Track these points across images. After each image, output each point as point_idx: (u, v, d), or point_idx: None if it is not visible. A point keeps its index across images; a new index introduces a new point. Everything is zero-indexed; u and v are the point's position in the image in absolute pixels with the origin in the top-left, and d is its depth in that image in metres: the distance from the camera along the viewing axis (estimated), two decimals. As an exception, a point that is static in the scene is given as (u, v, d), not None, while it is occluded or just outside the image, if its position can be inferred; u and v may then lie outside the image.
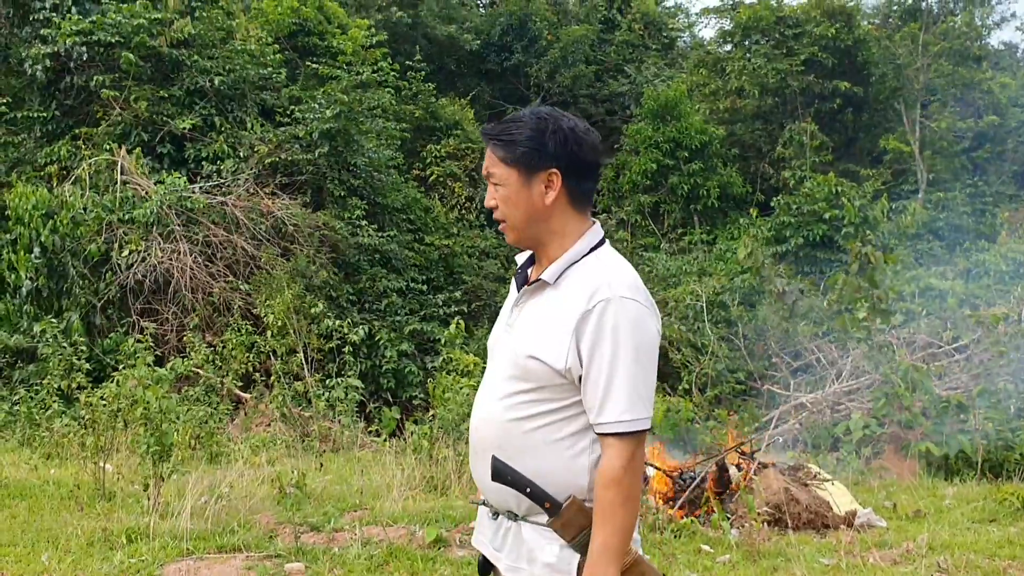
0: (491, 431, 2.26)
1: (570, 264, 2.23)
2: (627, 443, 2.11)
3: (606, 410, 2.11)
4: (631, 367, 2.11)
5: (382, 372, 13.27)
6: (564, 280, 2.22)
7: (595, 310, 2.11)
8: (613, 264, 2.22)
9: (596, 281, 2.15)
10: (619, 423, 2.10)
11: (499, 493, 2.25)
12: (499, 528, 2.30)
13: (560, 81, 22.68)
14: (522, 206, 2.24)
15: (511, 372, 2.23)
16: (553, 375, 2.15)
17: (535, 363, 2.17)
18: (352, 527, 5.79)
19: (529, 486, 2.17)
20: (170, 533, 5.55)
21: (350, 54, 16.11)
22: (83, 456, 7.22)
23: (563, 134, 2.20)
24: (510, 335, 2.29)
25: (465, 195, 18.97)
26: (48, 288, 11.60)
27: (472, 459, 2.37)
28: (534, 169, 2.21)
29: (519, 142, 2.21)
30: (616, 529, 2.09)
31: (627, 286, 2.16)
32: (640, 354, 2.12)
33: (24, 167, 13.85)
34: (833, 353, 11.73)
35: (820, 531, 6.18)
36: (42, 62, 13.70)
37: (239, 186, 13.39)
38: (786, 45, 20.81)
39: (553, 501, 2.16)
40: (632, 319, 2.12)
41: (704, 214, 19.92)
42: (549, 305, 2.22)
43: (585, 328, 2.12)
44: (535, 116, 2.23)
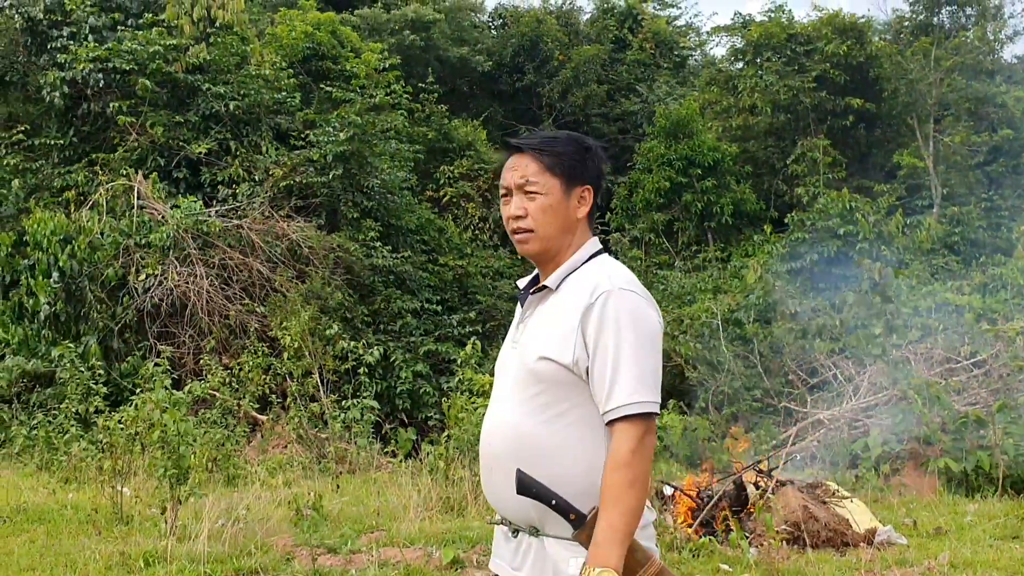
0: (507, 440, 2.27)
1: (572, 270, 2.31)
2: (636, 426, 2.13)
3: (613, 395, 2.14)
4: (635, 353, 2.16)
5: (397, 393, 13.27)
6: (565, 285, 2.30)
7: (597, 302, 2.18)
8: (610, 264, 2.32)
9: (596, 277, 2.24)
10: (626, 406, 2.13)
11: (520, 507, 2.24)
12: (519, 546, 2.29)
13: (572, 101, 22.75)
14: (560, 216, 2.32)
15: (524, 380, 2.26)
16: (563, 372, 2.19)
17: (545, 363, 2.21)
18: (369, 549, 5.78)
19: (554, 498, 2.16)
20: (188, 556, 5.56)
21: (363, 77, 16.22)
22: (101, 480, 7.25)
23: (598, 154, 2.36)
24: (517, 349, 2.33)
25: (479, 215, 19.01)
26: (66, 312, 11.69)
27: (486, 477, 2.36)
28: (575, 183, 2.32)
29: (564, 155, 2.31)
30: (623, 511, 2.10)
31: (625, 280, 2.24)
32: (643, 340, 2.18)
33: (42, 193, 14.01)
34: (850, 369, 11.66)
35: (840, 549, 6.13)
36: (59, 89, 13.88)
37: (254, 209, 13.47)
38: (798, 62, 20.81)
39: (578, 513, 2.16)
40: (632, 308, 2.19)
41: (718, 231, 19.88)
42: (552, 308, 2.29)
43: (589, 320, 2.18)
44: (572, 135, 2.39)
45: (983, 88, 20.82)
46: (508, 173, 2.35)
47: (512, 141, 2.38)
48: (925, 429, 8.88)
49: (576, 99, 22.72)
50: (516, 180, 2.32)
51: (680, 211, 19.97)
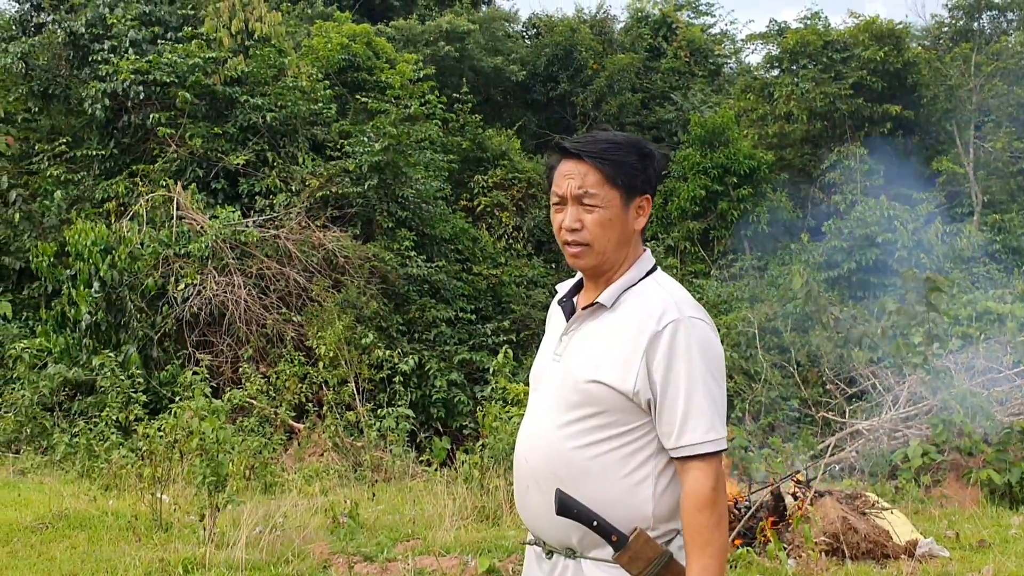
0: (547, 461, 2.18)
1: (627, 288, 2.19)
2: (713, 463, 2.08)
3: (687, 432, 2.07)
4: (708, 386, 2.08)
5: (432, 402, 13.31)
6: (621, 304, 2.18)
7: (666, 331, 2.08)
8: (673, 286, 2.20)
9: (662, 303, 2.12)
10: (704, 443, 2.06)
11: (559, 528, 2.16)
12: (554, 568, 2.21)
13: (606, 109, 22.74)
14: (618, 231, 2.17)
15: (569, 399, 2.16)
16: (618, 399, 2.10)
17: (597, 387, 2.11)
18: (405, 557, 5.79)
19: (596, 519, 2.09)
20: (226, 563, 5.61)
21: (398, 88, 16.33)
22: (140, 487, 7.33)
23: (658, 161, 2.21)
24: (560, 364, 2.23)
25: (512, 224, 19.04)
26: (107, 322, 11.85)
27: (521, 494, 2.28)
28: (635, 193, 2.18)
29: (624, 164, 2.15)
30: (714, 552, 2.04)
31: (692, 306, 2.14)
32: (714, 372, 2.10)
33: (83, 204, 14.23)
34: (889, 379, 11.51)
35: (880, 561, 6.04)
36: (101, 101, 14.12)
37: (291, 219, 13.60)
38: (834, 69, 20.63)
39: (620, 534, 2.09)
40: (702, 339, 2.10)
41: (754, 240, 19.74)
42: (608, 328, 2.17)
43: (657, 350, 2.07)
44: (632, 139, 2.21)
45: (1024, 93, 20.50)
46: (564, 180, 2.17)
47: (568, 145, 2.20)
48: (967, 440, 8.74)
49: (610, 107, 22.70)
50: (573, 190, 2.15)
51: (716, 219, 19.87)
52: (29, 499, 7.99)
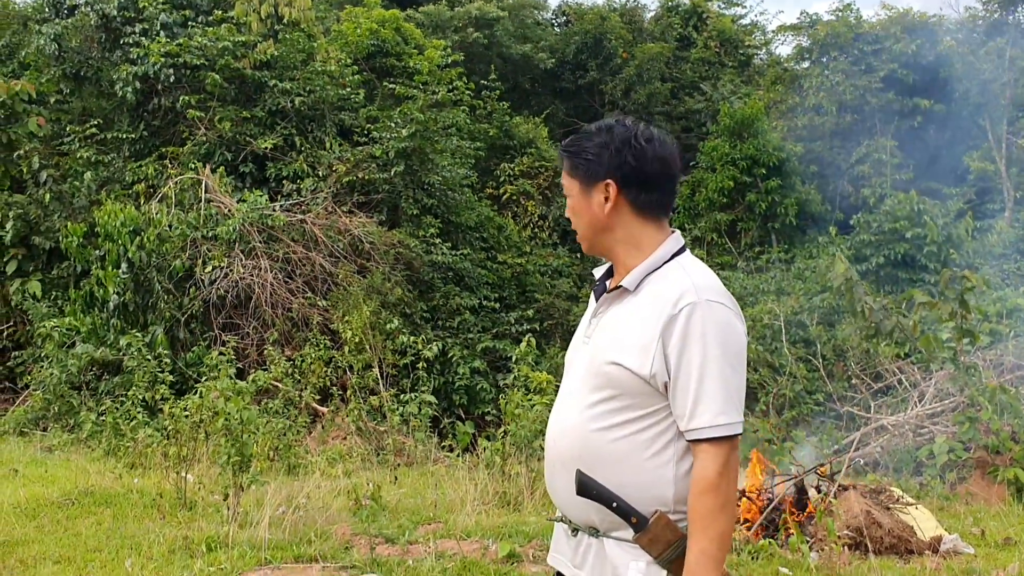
0: (571, 442, 2.20)
1: (650, 271, 2.20)
2: (722, 448, 2.07)
3: (698, 415, 2.06)
4: (722, 370, 2.07)
5: (455, 388, 13.33)
6: (644, 287, 2.19)
7: (682, 314, 2.08)
8: (697, 269, 2.19)
9: (681, 286, 2.12)
10: (713, 427, 2.06)
11: (581, 508, 2.20)
12: (579, 545, 2.25)
13: (635, 99, 22.62)
14: (585, 216, 2.26)
15: (592, 382, 2.19)
16: (637, 381, 2.11)
17: (617, 369, 2.13)
18: (426, 540, 5.82)
19: (615, 500, 2.12)
20: (249, 542, 5.65)
21: (426, 74, 16.32)
22: (165, 466, 7.41)
23: (618, 145, 2.19)
24: (588, 346, 2.25)
25: (538, 213, 19.01)
26: (134, 303, 11.95)
27: (549, 474, 2.31)
28: (592, 179, 2.22)
29: (580, 153, 2.23)
30: (714, 536, 2.04)
31: (713, 290, 2.13)
32: (730, 357, 2.09)
33: (113, 185, 14.35)
34: (916, 375, 11.41)
35: (903, 556, 5.99)
36: (131, 84, 14.21)
37: (318, 204, 13.65)
38: (865, 61, 20.41)
39: (639, 516, 2.11)
40: (720, 322, 2.09)
41: (782, 232, 19.60)
42: (629, 311, 2.19)
43: (672, 332, 2.08)
44: (601, 127, 2.25)
45: (1060, 88, 20.19)
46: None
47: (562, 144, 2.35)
48: (994, 438, 8.65)
49: (639, 97, 22.59)
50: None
51: (743, 211, 19.74)
52: (56, 475, 8.10)
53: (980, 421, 8.83)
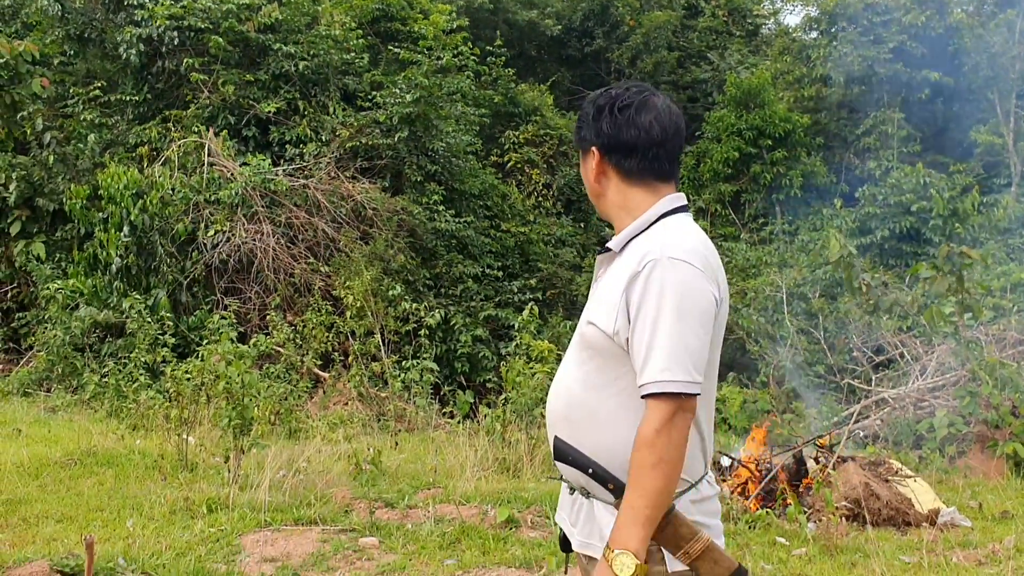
0: (561, 404, 2.25)
1: (635, 234, 2.22)
2: (665, 404, 2.01)
3: (646, 370, 2.03)
4: (674, 327, 2.02)
5: (457, 356, 13.36)
6: (628, 249, 2.21)
7: (644, 270, 2.08)
8: (674, 229, 2.18)
9: (650, 244, 2.13)
10: (655, 383, 2.01)
11: (567, 471, 2.24)
12: (574, 503, 2.28)
13: (642, 67, 22.45)
14: (587, 183, 2.36)
15: (577, 343, 2.24)
16: (607, 340, 2.13)
17: (592, 329, 2.17)
18: (426, 505, 5.85)
19: (591, 466, 2.12)
20: (249, 504, 5.69)
21: (431, 39, 16.18)
22: (167, 428, 7.45)
23: (594, 114, 2.27)
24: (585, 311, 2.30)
25: (543, 182, 18.93)
26: (137, 265, 11.96)
27: (549, 435, 2.34)
28: (584, 148, 2.33)
29: (581, 118, 2.35)
30: (643, 492, 2.00)
31: (680, 248, 2.10)
32: (685, 315, 2.04)
33: (116, 148, 14.30)
34: (917, 348, 11.41)
35: (901, 528, 6.03)
36: (136, 46, 14.11)
37: (320, 169, 13.60)
38: (874, 32, 20.20)
39: (616, 482, 2.11)
40: (680, 280, 2.05)
41: (786, 204, 19.51)
42: (611, 272, 2.23)
43: (634, 289, 2.08)
44: (592, 97, 2.33)
45: (1071, 62, 19.99)
46: None
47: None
48: (994, 412, 8.66)
49: (646, 65, 22.41)
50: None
51: (748, 182, 19.64)
52: (59, 436, 8.15)
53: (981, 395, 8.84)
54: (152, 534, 5.21)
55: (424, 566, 4.93)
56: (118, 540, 5.08)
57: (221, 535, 5.24)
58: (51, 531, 5.26)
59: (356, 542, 5.24)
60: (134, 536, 5.16)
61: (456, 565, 4.94)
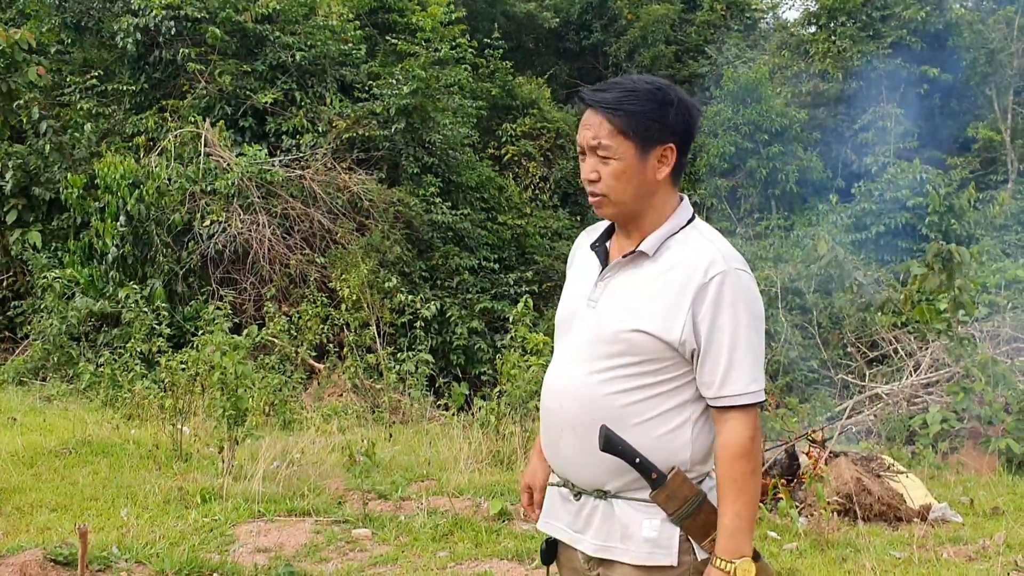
0: (582, 406, 2.19)
1: (667, 236, 2.19)
2: (751, 414, 2.12)
3: (730, 382, 2.11)
4: (750, 338, 2.12)
5: (452, 348, 13.37)
6: (664, 252, 2.18)
7: (713, 282, 2.09)
8: (716, 236, 2.22)
9: (709, 254, 2.14)
10: (745, 395, 2.10)
11: (590, 470, 2.19)
12: (581, 509, 2.24)
13: (639, 61, 22.44)
14: (635, 181, 2.16)
15: (604, 349, 2.17)
16: (660, 347, 2.12)
17: (639, 336, 2.12)
18: (419, 497, 5.87)
19: (638, 456, 2.13)
20: (242, 495, 5.71)
21: (429, 31, 16.16)
22: (162, 418, 7.47)
23: (684, 107, 2.17)
24: (596, 310, 2.22)
25: (539, 175, 18.93)
26: (133, 255, 11.96)
27: (554, 438, 2.27)
28: (653, 143, 2.15)
29: (639, 113, 2.12)
30: (749, 500, 2.10)
31: (737, 258, 2.16)
32: (756, 325, 2.14)
33: (113, 138, 14.26)
34: (912, 344, 11.44)
35: (892, 523, 6.05)
36: (132, 35, 14.07)
37: (317, 160, 13.59)
38: (873, 27, 20.22)
39: (659, 472, 2.13)
40: (747, 291, 2.14)
41: (782, 199, 19.53)
42: (650, 278, 2.17)
43: (703, 300, 2.10)
44: (653, 86, 2.16)
45: (1069, 59, 20.04)
46: (582, 131, 2.19)
47: (585, 95, 2.19)
48: (987, 409, 8.69)
49: (643, 59, 22.40)
50: (589, 141, 2.16)
51: (744, 177, 19.65)
52: (54, 425, 8.15)
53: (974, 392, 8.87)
54: (146, 524, 5.23)
55: (417, 558, 4.95)
56: (112, 529, 5.10)
57: (215, 525, 5.26)
58: (45, 520, 5.27)
59: (349, 533, 5.26)
60: (128, 526, 5.17)
61: (448, 557, 4.96)
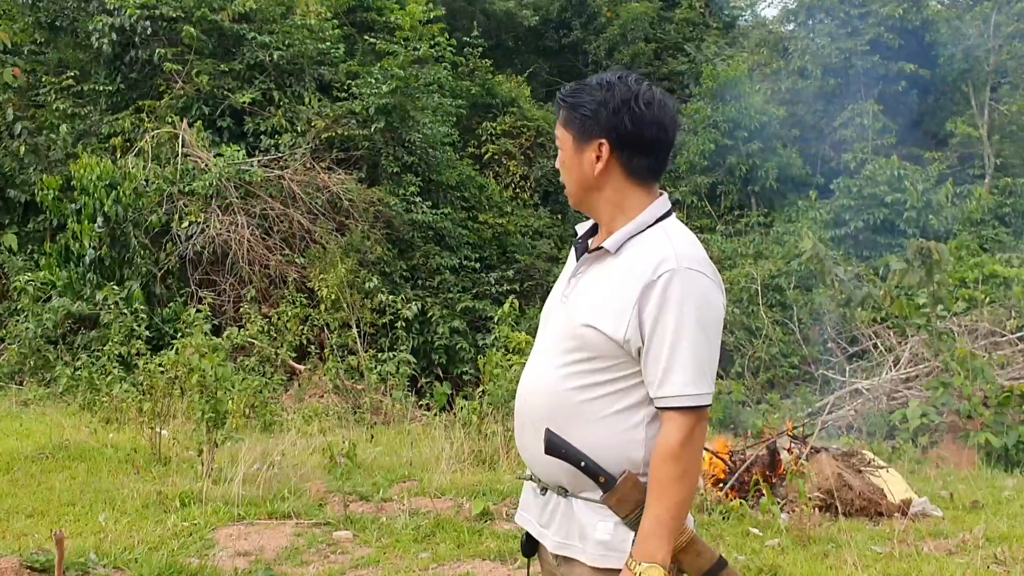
0: (542, 401, 2.19)
1: (633, 235, 2.17)
2: (688, 417, 2.05)
3: (667, 383, 2.05)
4: (695, 340, 2.05)
5: (434, 348, 13.34)
6: (626, 250, 2.16)
7: (660, 281, 2.05)
8: (679, 236, 2.16)
9: (662, 252, 2.09)
10: (681, 396, 2.04)
11: (549, 467, 2.18)
12: (547, 504, 2.24)
13: (619, 59, 22.44)
14: (574, 172, 2.21)
15: (566, 343, 2.17)
16: (610, 345, 2.10)
17: (592, 332, 2.11)
18: (401, 498, 5.84)
19: (583, 460, 2.10)
20: (222, 498, 5.66)
21: (407, 29, 16.10)
22: (140, 421, 7.39)
23: (617, 105, 2.12)
24: (565, 305, 2.23)
25: (520, 174, 18.91)
26: (110, 257, 11.86)
27: (519, 432, 2.30)
28: (586, 137, 2.17)
29: (578, 107, 2.17)
30: (671, 505, 2.03)
31: (694, 259, 2.10)
32: (705, 327, 2.07)
33: (89, 139, 14.13)
34: (891, 339, 11.52)
35: (873, 518, 6.08)
36: (108, 35, 13.95)
37: (296, 160, 13.51)
38: (851, 24, 20.32)
39: (608, 476, 2.09)
40: (698, 292, 2.07)
41: (762, 196, 19.61)
42: (609, 274, 2.16)
43: (649, 299, 2.06)
44: (601, 83, 2.17)
45: (1043, 55, 20.20)
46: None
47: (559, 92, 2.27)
48: (966, 403, 8.76)
49: (623, 57, 22.40)
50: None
51: (724, 174, 19.70)
52: (31, 429, 8.06)
53: (953, 386, 8.94)
54: (124, 529, 5.17)
55: (398, 559, 4.92)
56: (90, 535, 5.03)
57: (194, 529, 5.21)
58: (22, 526, 5.20)
59: (330, 536, 5.22)
60: (106, 531, 5.11)
61: (431, 558, 4.93)
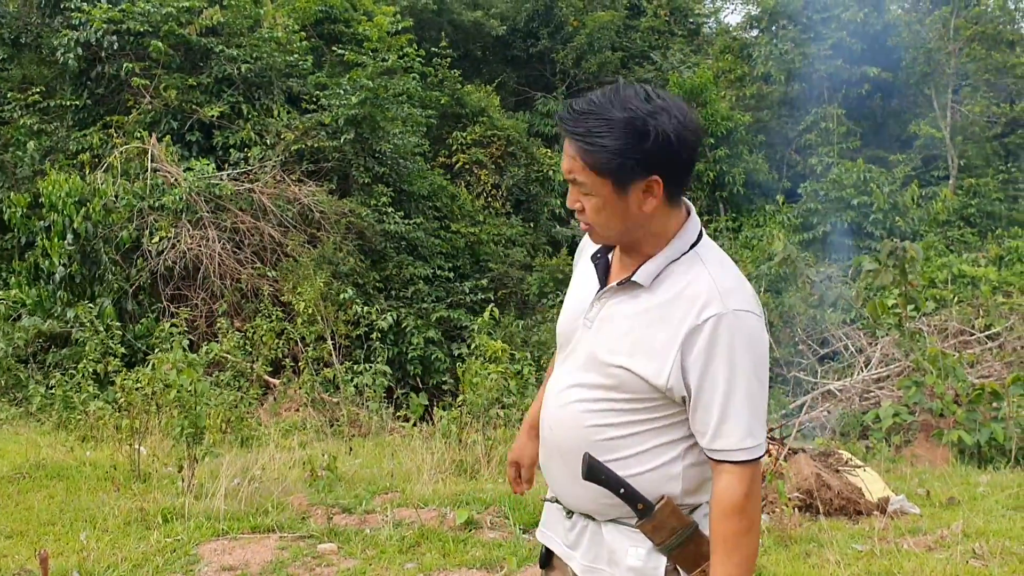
0: (573, 434, 2.08)
1: (669, 263, 2.00)
2: (748, 469, 1.95)
3: (723, 435, 1.94)
4: (749, 388, 1.93)
5: (409, 359, 13.31)
6: (661, 283, 2.00)
7: (706, 326, 1.91)
8: (717, 266, 2.00)
9: (704, 292, 1.94)
10: (740, 451, 1.94)
11: (578, 496, 2.11)
12: (574, 526, 2.17)
13: (586, 68, 22.59)
14: (618, 215, 1.96)
15: (598, 378, 2.05)
16: (649, 390, 1.97)
17: (628, 375, 1.98)
18: (383, 509, 5.83)
19: (623, 486, 2.01)
20: (205, 513, 5.62)
21: (376, 40, 16.10)
22: (118, 438, 7.30)
23: (665, 137, 1.89)
24: (590, 332, 2.09)
25: (491, 183, 18.95)
26: (81, 274, 11.74)
27: (546, 460, 2.20)
28: (631, 179, 1.92)
29: (612, 151, 1.89)
30: (741, 560, 1.94)
31: (738, 296, 1.95)
32: (757, 371, 1.94)
33: (57, 155, 14.01)
34: (862, 340, 11.66)
35: (852, 517, 6.14)
36: (73, 51, 13.84)
37: (266, 173, 13.46)
38: (814, 30, 20.60)
39: (646, 502, 2.02)
40: (746, 335, 1.92)
41: (729, 201, 19.79)
42: (644, 311, 2.00)
43: (694, 345, 1.91)
44: (629, 115, 1.89)
45: (1002, 58, 20.60)
46: (564, 158, 1.99)
47: (561, 118, 1.97)
48: (938, 402, 8.88)
49: (590, 66, 22.55)
50: (567, 173, 1.98)
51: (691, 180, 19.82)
52: (5, 449, 7.95)
53: (925, 385, 9.05)
54: (107, 546, 5.12)
55: (384, 570, 4.91)
56: (72, 554, 4.98)
57: (178, 545, 5.17)
58: (1, 548, 5.14)
59: (314, 548, 5.20)
60: (88, 549, 5.06)
61: (416, 568, 4.93)
